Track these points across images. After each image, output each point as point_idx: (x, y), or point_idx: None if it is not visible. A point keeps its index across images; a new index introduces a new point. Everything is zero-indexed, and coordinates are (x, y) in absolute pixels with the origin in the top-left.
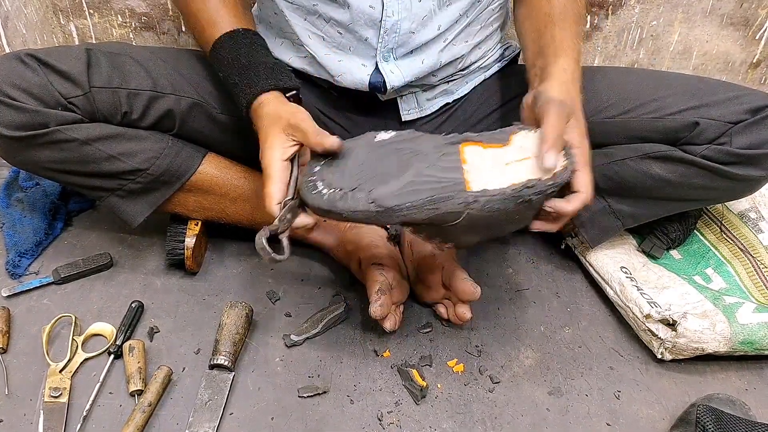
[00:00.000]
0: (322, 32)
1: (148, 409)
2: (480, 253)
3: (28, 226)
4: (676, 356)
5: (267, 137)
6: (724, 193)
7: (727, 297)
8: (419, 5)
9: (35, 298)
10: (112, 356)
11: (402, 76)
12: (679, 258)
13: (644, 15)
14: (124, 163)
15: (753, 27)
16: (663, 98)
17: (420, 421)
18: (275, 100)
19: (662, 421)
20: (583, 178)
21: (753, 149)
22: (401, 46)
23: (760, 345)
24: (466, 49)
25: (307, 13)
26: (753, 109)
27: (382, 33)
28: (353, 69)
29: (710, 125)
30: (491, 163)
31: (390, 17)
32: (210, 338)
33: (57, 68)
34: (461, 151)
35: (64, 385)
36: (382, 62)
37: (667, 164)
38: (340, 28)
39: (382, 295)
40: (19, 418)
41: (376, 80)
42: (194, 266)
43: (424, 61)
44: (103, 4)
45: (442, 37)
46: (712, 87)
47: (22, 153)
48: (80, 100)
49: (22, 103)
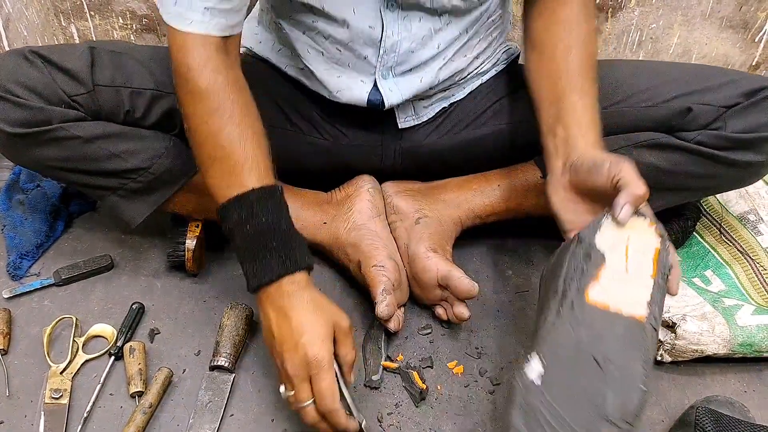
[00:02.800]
0: (321, 48)
1: (148, 410)
2: (479, 255)
3: (29, 228)
4: (676, 358)
5: (312, 324)
6: (724, 181)
7: (726, 299)
8: (419, 25)
9: (36, 299)
10: (113, 358)
11: (400, 94)
12: (678, 260)
13: (644, 17)
14: (126, 162)
15: (752, 30)
16: (656, 86)
17: (420, 423)
18: (312, 285)
19: (661, 422)
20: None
21: (748, 133)
22: (400, 64)
23: (759, 347)
24: (464, 63)
25: (307, 29)
26: (747, 93)
27: (382, 53)
28: (352, 85)
29: (703, 110)
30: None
31: (390, 37)
32: (210, 340)
33: (61, 66)
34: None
35: (65, 387)
36: (381, 80)
37: (660, 152)
38: (339, 45)
39: (388, 295)
40: (20, 419)
41: (374, 98)
42: (195, 268)
43: (423, 79)
44: (104, 5)
45: (441, 54)
46: (707, 73)
47: (25, 150)
48: (84, 98)
49: (25, 100)
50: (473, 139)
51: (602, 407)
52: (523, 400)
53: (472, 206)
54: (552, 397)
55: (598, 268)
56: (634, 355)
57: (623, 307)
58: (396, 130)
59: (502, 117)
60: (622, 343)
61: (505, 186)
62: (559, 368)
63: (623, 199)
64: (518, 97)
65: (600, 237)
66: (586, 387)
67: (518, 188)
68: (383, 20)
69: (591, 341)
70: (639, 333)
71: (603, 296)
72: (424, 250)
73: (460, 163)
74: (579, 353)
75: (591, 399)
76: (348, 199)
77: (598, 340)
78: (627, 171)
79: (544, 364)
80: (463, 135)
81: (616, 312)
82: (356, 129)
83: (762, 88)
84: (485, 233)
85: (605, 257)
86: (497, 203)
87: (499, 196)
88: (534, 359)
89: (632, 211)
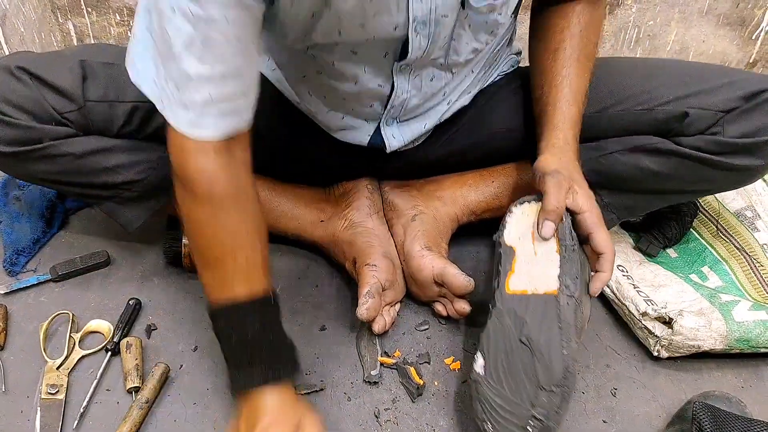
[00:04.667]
0: (322, 94)
1: (145, 406)
2: (474, 252)
3: (26, 224)
4: (673, 354)
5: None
6: (721, 183)
7: (723, 295)
8: (430, 84)
9: (33, 295)
10: (110, 353)
11: (403, 139)
12: (676, 256)
13: (641, 15)
14: (120, 175)
15: (749, 27)
16: (652, 89)
17: (417, 419)
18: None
19: (658, 418)
20: (601, 237)
21: (747, 138)
22: (406, 114)
23: (755, 343)
24: (467, 101)
25: (309, 76)
26: (746, 96)
27: (389, 107)
28: (354, 127)
29: (701, 115)
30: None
31: (399, 96)
32: (207, 335)
33: (50, 83)
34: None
35: (62, 382)
36: (385, 126)
37: (657, 157)
38: (345, 96)
39: (370, 298)
40: (17, 414)
41: (376, 141)
42: (191, 264)
43: (427, 124)
44: (101, 2)
45: (446, 99)
46: (705, 73)
47: (16, 166)
48: (75, 114)
49: (14, 119)
50: (467, 143)
51: (535, 379)
52: (476, 391)
53: (468, 202)
54: (496, 382)
55: (511, 261)
56: (552, 326)
57: (538, 287)
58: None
59: (496, 121)
60: (540, 319)
61: (501, 183)
62: (496, 358)
63: (541, 215)
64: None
65: (507, 234)
66: (520, 366)
67: (514, 185)
68: (394, 81)
69: (515, 326)
70: (553, 305)
71: (520, 284)
72: (418, 248)
73: (455, 166)
74: (508, 340)
75: (526, 375)
76: (345, 196)
77: (521, 324)
78: (549, 185)
79: (485, 356)
80: (457, 142)
81: (533, 293)
82: (346, 154)
83: (761, 91)
84: (480, 230)
85: (515, 249)
86: (492, 200)
87: (495, 192)
88: (478, 356)
89: (552, 225)
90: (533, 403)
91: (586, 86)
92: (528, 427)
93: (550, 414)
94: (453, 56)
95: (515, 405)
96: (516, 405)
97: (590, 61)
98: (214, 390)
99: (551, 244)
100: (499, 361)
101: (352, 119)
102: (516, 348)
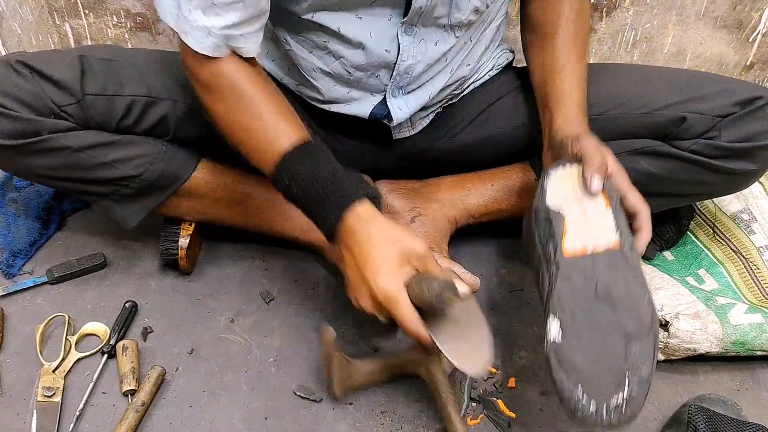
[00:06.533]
0: (329, 68)
1: (141, 408)
2: (473, 254)
3: (22, 226)
4: (669, 357)
5: (375, 258)
6: (718, 187)
7: (719, 298)
8: (435, 49)
9: (29, 297)
10: (106, 356)
11: (408, 110)
12: (672, 259)
13: (638, 17)
14: (118, 170)
15: (746, 29)
16: (650, 94)
17: (414, 421)
18: (376, 215)
19: (654, 421)
20: (635, 196)
21: (742, 142)
22: (411, 83)
23: (751, 345)
24: (468, 72)
25: (315, 47)
26: (742, 102)
27: (395, 74)
28: (359, 99)
29: (698, 119)
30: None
31: (404, 61)
32: (204, 338)
33: (49, 76)
34: None
35: (58, 385)
36: (391, 98)
37: (655, 159)
38: (351, 67)
39: None
40: (12, 417)
41: (378, 111)
42: (188, 266)
43: (431, 93)
44: (98, 4)
45: (448, 67)
46: (701, 80)
47: (15, 160)
48: (73, 108)
49: (13, 112)
50: (468, 142)
51: (624, 330)
52: (557, 360)
53: (466, 205)
54: (579, 344)
55: (562, 225)
56: (627, 277)
57: (598, 244)
58: (390, 140)
59: (497, 120)
60: (613, 273)
61: (500, 186)
62: (574, 319)
63: (587, 172)
64: (512, 100)
65: (549, 199)
66: (601, 322)
67: (512, 188)
68: (400, 44)
69: (587, 286)
70: (620, 258)
71: (577, 244)
72: None
73: (456, 166)
74: (584, 300)
75: (614, 330)
76: None
77: (593, 282)
78: (586, 145)
79: (560, 321)
80: (458, 139)
81: (594, 251)
82: (350, 137)
83: (756, 98)
84: (479, 232)
85: (562, 212)
86: (491, 203)
87: (493, 195)
88: (550, 324)
89: (601, 180)
90: (626, 357)
91: (586, 71)
92: (626, 380)
93: (646, 362)
94: (455, 14)
95: (606, 362)
96: (607, 362)
97: (586, 45)
98: (210, 393)
99: (599, 202)
100: (578, 321)
101: (357, 92)
102: (594, 306)
